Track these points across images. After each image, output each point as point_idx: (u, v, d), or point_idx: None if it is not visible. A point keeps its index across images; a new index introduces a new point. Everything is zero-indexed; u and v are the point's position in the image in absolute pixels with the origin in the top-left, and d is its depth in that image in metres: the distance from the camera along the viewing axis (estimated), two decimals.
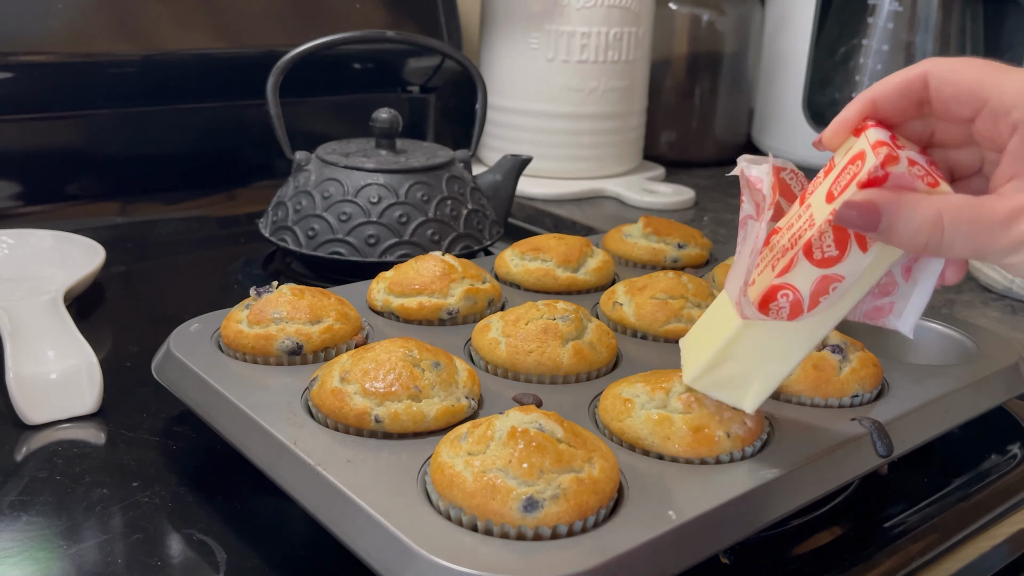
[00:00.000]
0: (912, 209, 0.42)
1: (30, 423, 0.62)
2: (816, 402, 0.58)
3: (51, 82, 0.98)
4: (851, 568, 0.53)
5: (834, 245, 0.45)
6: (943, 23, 1.29)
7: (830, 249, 0.45)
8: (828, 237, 0.45)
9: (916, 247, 0.43)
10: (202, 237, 1.06)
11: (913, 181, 0.43)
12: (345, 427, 0.52)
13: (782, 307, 0.46)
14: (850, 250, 0.45)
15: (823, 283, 0.45)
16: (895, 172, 0.43)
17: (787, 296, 0.46)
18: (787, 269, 0.46)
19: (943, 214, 0.42)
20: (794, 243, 0.46)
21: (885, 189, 0.43)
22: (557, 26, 1.16)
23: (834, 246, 0.45)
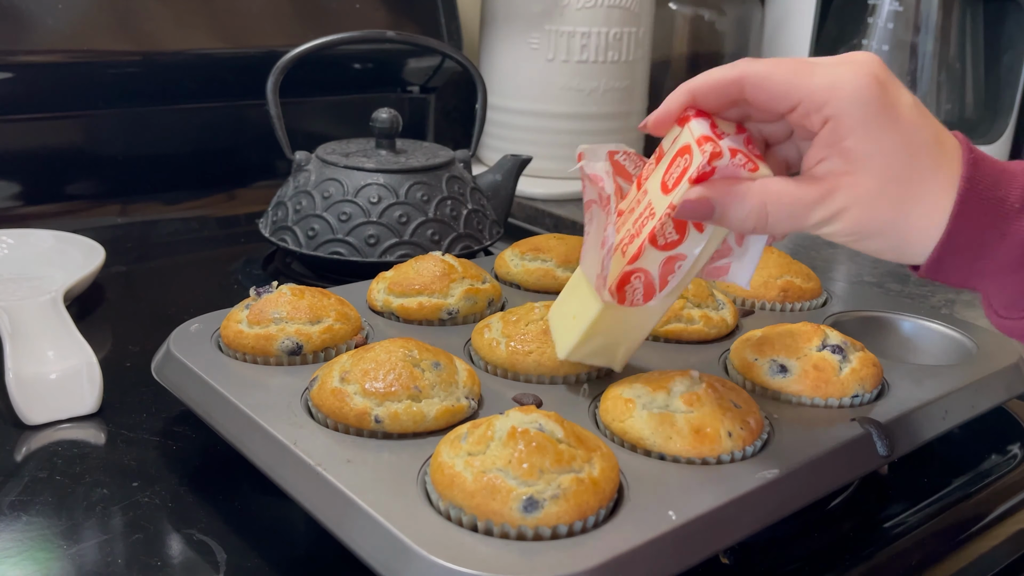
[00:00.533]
0: (740, 199, 0.48)
1: (30, 423, 0.62)
2: (816, 402, 0.58)
3: (51, 82, 0.98)
4: (851, 568, 0.53)
5: (674, 230, 0.51)
6: (943, 23, 1.29)
7: (672, 235, 0.51)
8: (669, 225, 0.51)
9: (745, 229, 0.49)
10: (202, 237, 1.06)
11: (737, 170, 0.48)
12: (345, 427, 0.52)
13: (636, 288, 0.53)
14: (689, 232, 0.52)
15: (669, 263, 0.52)
16: (720, 166, 0.48)
17: (640, 278, 0.52)
18: (636, 257, 0.52)
19: (767, 202, 0.47)
20: (639, 230, 0.52)
21: (714, 182, 0.49)
22: (557, 26, 1.16)
23: (674, 231, 0.51)
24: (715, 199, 0.48)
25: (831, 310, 0.74)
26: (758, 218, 0.48)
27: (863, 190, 0.46)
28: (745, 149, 0.49)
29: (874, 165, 0.46)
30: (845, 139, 0.46)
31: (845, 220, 0.47)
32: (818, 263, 1.02)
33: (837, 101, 0.46)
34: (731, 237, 0.53)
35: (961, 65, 1.32)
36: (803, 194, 0.47)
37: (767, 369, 0.60)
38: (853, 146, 0.46)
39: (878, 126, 0.46)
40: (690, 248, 0.52)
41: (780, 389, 0.59)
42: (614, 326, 0.56)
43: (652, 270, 0.52)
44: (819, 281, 0.77)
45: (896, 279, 0.98)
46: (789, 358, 0.59)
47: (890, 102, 0.46)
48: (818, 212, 0.47)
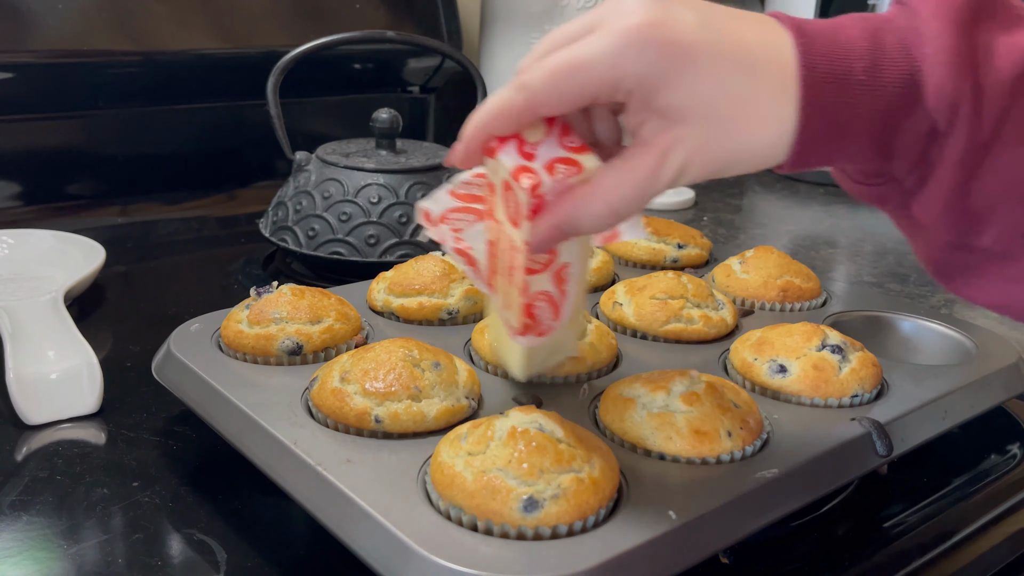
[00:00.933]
0: (584, 211, 0.45)
1: (30, 423, 0.62)
2: (816, 402, 0.58)
3: (51, 82, 0.98)
4: (851, 568, 0.53)
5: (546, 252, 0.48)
6: None
7: (543, 256, 0.48)
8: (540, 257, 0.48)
9: (604, 229, 0.46)
10: (202, 237, 1.06)
11: (564, 182, 0.45)
12: (345, 427, 0.53)
13: (543, 309, 0.50)
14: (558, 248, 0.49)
15: (558, 276, 0.50)
16: (546, 191, 0.45)
17: (542, 298, 0.50)
18: (525, 288, 0.49)
19: (609, 200, 0.45)
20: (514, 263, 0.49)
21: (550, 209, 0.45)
22: (557, 26, 1.16)
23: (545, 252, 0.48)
24: (561, 225, 0.45)
25: (831, 310, 0.74)
26: (612, 218, 0.45)
27: (694, 139, 0.43)
28: (562, 151, 0.46)
29: (693, 111, 0.43)
30: (653, 100, 0.43)
31: (692, 172, 0.44)
32: (818, 263, 1.02)
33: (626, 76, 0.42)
34: None
35: None
36: (640, 172, 0.44)
37: (766, 369, 0.60)
38: (664, 102, 0.43)
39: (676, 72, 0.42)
40: (568, 255, 0.50)
41: (780, 389, 0.59)
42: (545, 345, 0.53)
43: (548, 287, 0.50)
44: (819, 281, 0.77)
45: (896, 279, 0.98)
46: (788, 358, 0.60)
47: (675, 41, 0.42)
48: (663, 178, 0.44)
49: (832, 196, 1.32)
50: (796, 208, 1.28)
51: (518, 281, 0.49)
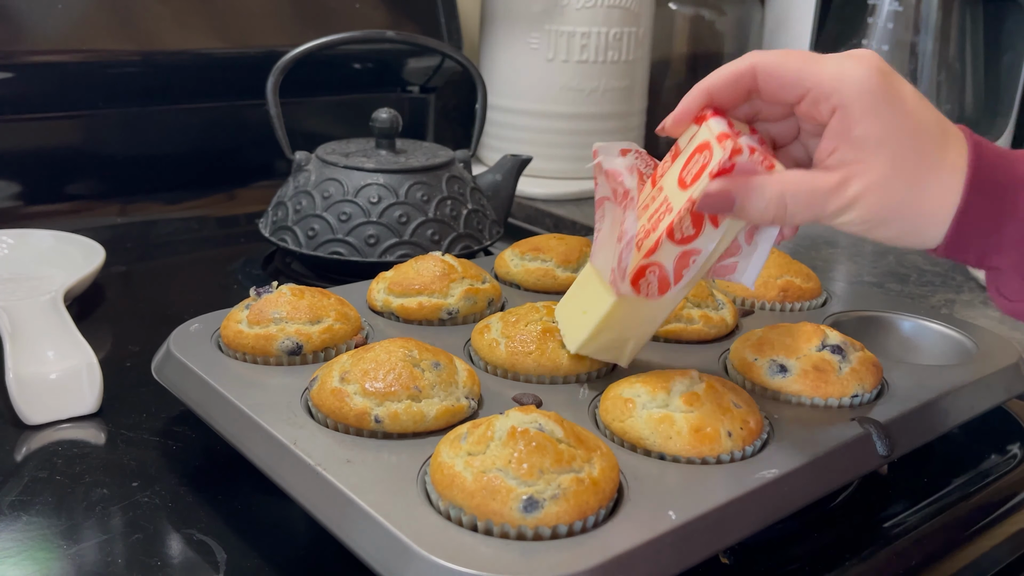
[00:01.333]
0: (760, 191, 0.49)
1: (30, 423, 0.62)
2: (816, 402, 0.58)
3: (51, 82, 0.98)
4: (851, 568, 0.53)
5: (691, 225, 0.53)
6: (943, 23, 1.29)
7: (688, 229, 0.53)
8: (687, 220, 0.52)
9: (765, 221, 0.50)
10: (202, 237, 1.06)
11: (755, 167, 0.50)
12: (345, 427, 0.52)
13: (651, 283, 0.54)
14: (704, 227, 0.53)
15: (684, 257, 0.53)
16: (740, 161, 0.49)
17: (654, 272, 0.53)
18: (652, 251, 0.53)
19: (785, 192, 0.49)
20: (655, 226, 0.53)
21: (733, 176, 0.50)
22: (557, 26, 1.16)
23: (691, 226, 0.53)
24: (735, 192, 0.49)
25: (831, 310, 0.74)
26: (777, 208, 0.49)
27: (876, 176, 0.47)
28: (761, 148, 0.50)
29: (884, 152, 0.47)
30: (854, 128, 0.47)
31: (861, 207, 0.48)
32: (818, 263, 1.02)
33: (844, 90, 0.47)
34: (742, 235, 0.54)
35: (961, 65, 1.32)
36: (820, 183, 0.48)
37: (767, 369, 0.60)
38: (862, 134, 0.47)
39: (885, 114, 0.47)
40: (705, 243, 0.53)
41: (780, 389, 0.59)
42: (625, 320, 0.57)
43: (667, 264, 0.53)
44: (819, 281, 0.77)
45: (896, 279, 0.98)
46: (788, 358, 0.59)
47: (894, 91, 0.48)
48: (834, 200, 0.48)
49: None
50: None
51: (649, 242, 0.53)
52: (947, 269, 1.01)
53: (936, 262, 1.04)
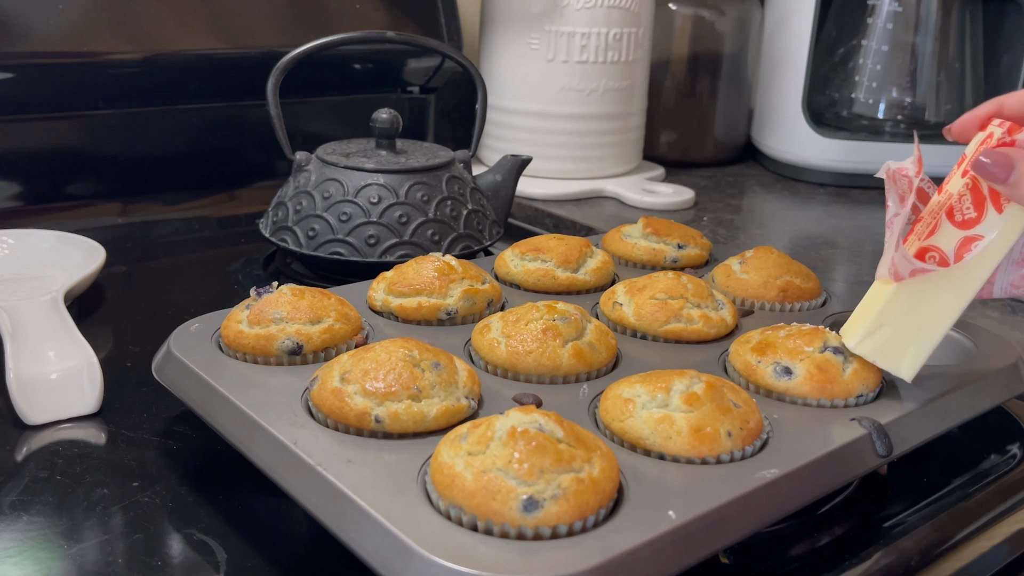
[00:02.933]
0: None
1: (30, 423, 0.62)
2: (822, 403, 0.58)
3: (51, 82, 0.98)
4: (851, 568, 0.53)
5: (972, 207, 0.52)
6: (943, 23, 1.29)
7: (969, 211, 0.52)
8: (967, 200, 0.52)
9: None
10: (202, 237, 1.06)
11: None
12: (345, 427, 0.53)
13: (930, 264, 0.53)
14: (987, 211, 0.52)
15: (965, 243, 0.53)
16: (1020, 139, 0.50)
17: (934, 257, 0.53)
18: (932, 232, 0.53)
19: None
20: (937, 212, 0.54)
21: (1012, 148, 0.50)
22: (557, 27, 1.17)
23: (972, 208, 0.52)
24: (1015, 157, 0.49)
25: (831, 310, 0.74)
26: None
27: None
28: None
29: None
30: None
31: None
32: (818, 263, 1.02)
33: None
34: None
35: (961, 65, 1.32)
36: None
37: (771, 372, 0.59)
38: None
39: None
40: (987, 229, 0.52)
41: (786, 391, 0.59)
42: (903, 315, 0.56)
43: (947, 249, 0.53)
44: (819, 281, 0.77)
45: None
46: (792, 360, 0.59)
47: None
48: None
49: (832, 196, 1.32)
50: (796, 208, 1.28)
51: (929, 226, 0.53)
52: None
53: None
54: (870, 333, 0.57)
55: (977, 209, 0.52)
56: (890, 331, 0.56)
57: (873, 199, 1.31)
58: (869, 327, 0.57)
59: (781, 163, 1.40)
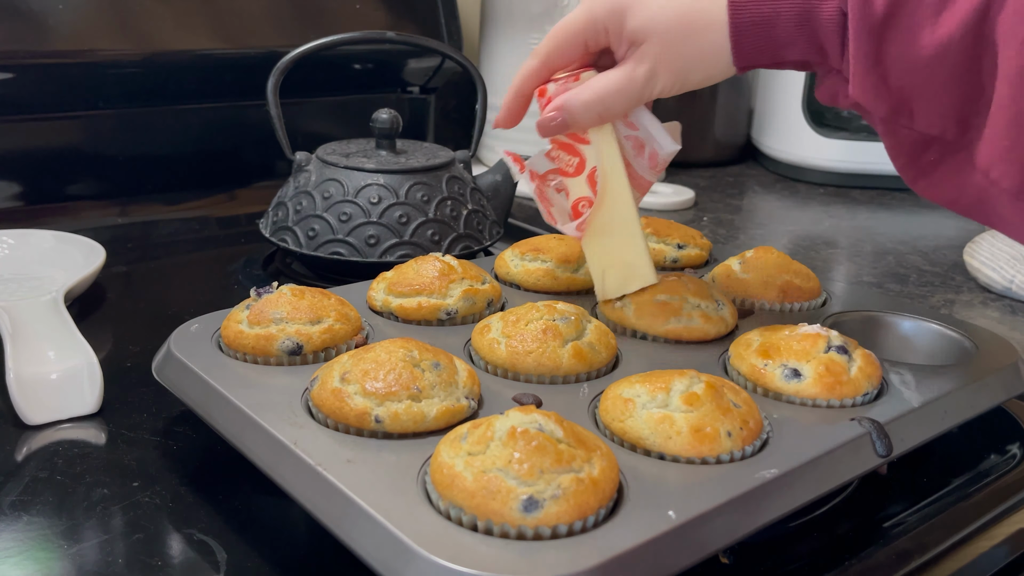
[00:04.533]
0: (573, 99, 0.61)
1: (30, 423, 0.62)
2: (832, 403, 0.58)
3: (51, 82, 0.98)
4: (851, 568, 0.53)
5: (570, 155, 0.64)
6: None
7: (572, 159, 0.65)
8: (563, 155, 0.65)
9: (592, 121, 0.61)
10: (202, 237, 1.06)
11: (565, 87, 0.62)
12: (345, 427, 0.53)
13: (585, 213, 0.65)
14: (580, 150, 0.64)
15: (590, 179, 0.64)
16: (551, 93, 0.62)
17: (584, 205, 0.65)
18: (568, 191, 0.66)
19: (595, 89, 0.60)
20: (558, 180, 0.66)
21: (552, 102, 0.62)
22: None
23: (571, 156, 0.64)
24: (558, 110, 0.61)
25: (830, 310, 0.74)
26: (597, 104, 0.60)
27: (655, 50, 0.58)
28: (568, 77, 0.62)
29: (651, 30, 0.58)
30: (624, 29, 0.59)
31: (661, 79, 0.59)
32: (817, 263, 1.02)
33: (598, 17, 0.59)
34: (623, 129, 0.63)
35: None
36: (619, 75, 0.60)
37: (779, 374, 0.59)
38: (630, 27, 0.58)
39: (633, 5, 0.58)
40: (593, 158, 0.64)
41: (796, 393, 0.58)
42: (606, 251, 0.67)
43: (585, 192, 0.65)
44: (818, 281, 0.77)
45: (896, 279, 0.98)
46: (800, 361, 0.59)
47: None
48: (638, 76, 0.59)
49: (832, 196, 1.32)
50: (796, 208, 1.28)
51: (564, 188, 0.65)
52: (947, 269, 1.01)
53: (935, 262, 1.04)
54: (603, 281, 0.68)
55: (575, 153, 0.64)
56: (612, 269, 0.67)
57: (873, 199, 1.32)
58: (600, 279, 0.68)
59: (781, 163, 1.40)
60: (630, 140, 0.64)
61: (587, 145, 0.63)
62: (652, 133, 0.63)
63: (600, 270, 0.68)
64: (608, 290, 0.68)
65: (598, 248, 0.67)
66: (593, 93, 0.60)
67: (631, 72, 0.59)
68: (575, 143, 0.64)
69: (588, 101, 0.60)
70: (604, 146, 0.63)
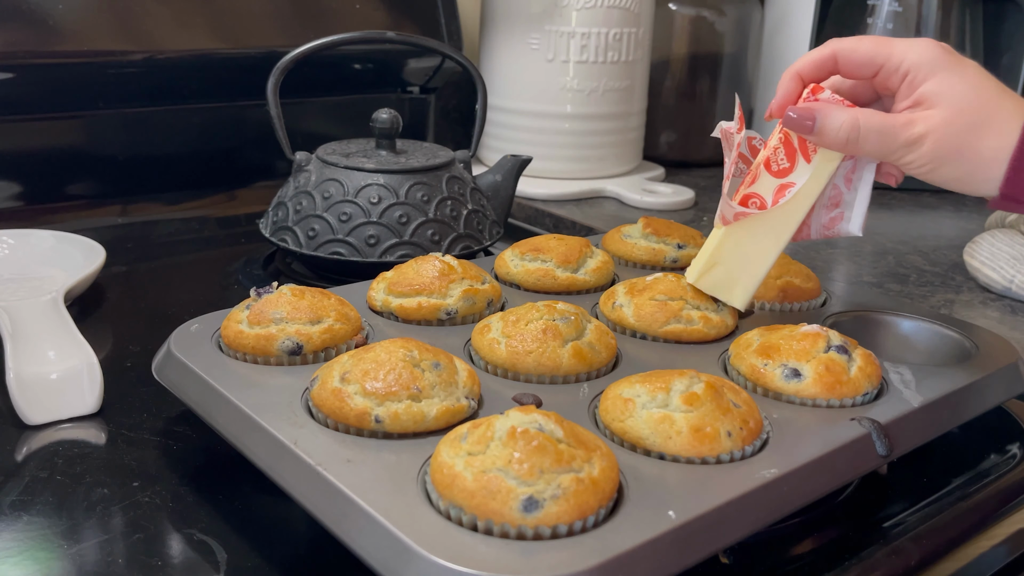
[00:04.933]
0: (836, 112, 0.59)
1: (31, 423, 0.62)
2: (832, 403, 0.58)
3: (51, 82, 0.98)
4: (851, 568, 0.53)
5: (785, 158, 0.62)
6: (943, 23, 1.29)
7: (783, 161, 0.62)
8: (781, 152, 0.62)
9: (839, 142, 0.59)
10: (202, 237, 1.06)
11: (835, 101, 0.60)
12: (345, 427, 0.53)
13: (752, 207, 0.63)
14: (798, 161, 0.62)
15: (780, 190, 0.62)
16: (822, 96, 0.60)
17: (755, 203, 0.63)
18: (753, 181, 0.63)
19: (858, 116, 0.59)
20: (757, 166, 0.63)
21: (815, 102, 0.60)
22: (557, 27, 1.17)
23: (785, 159, 0.62)
24: (815, 110, 0.59)
25: (830, 310, 0.74)
26: (850, 130, 0.58)
27: (939, 119, 0.57)
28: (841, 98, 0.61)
29: (946, 101, 0.57)
30: (920, 86, 0.57)
31: (925, 144, 0.57)
32: (818, 263, 1.02)
33: (911, 58, 0.58)
34: (841, 183, 0.63)
35: None
36: (891, 119, 0.58)
37: (780, 375, 0.59)
38: (927, 89, 0.57)
39: (947, 73, 0.57)
40: (799, 176, 0.62)
41: (796, 393, 0.58)
42: (733, 254, 0.65)
43: (766, 195, 0.62)
44: (818, 281, 0.77)
45: (896, 279, 0.98)
46: (800, 361, 0.59)
47: (956, 59, 0.58)
48: (902, 134, 0.57)
49: None
50: None
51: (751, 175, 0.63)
52: (947, 269, 1.01)
53: (935, 262, 1.04)
54: (707, 271, 0.66)
55: (790, 160, 0.62)
56: (723, 269, 0.66)
57: (873, 199, 1.31)
58: (705, 266, 0.66)
59: None
60: (832, 197, 0.64)
61: (807, 163, 0.61)
62: (855, 205, 0.63)
63: (712, 259, 0.66)
64: (701, 280, 0.67)
65: (731, 244, 0.65)
66: (854, 119, 0.58)
67: (903, 123, 0.57)
68: (799, 151, 0.62)
69: (844, 124, 0.58)
70: (815, 179, 0.62)
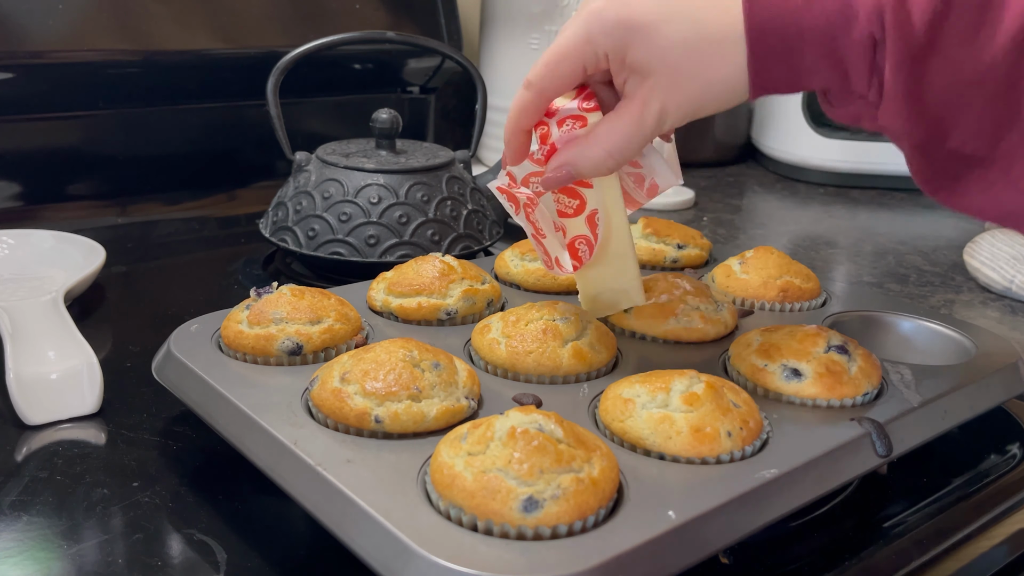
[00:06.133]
0: (584, 153, 0.55)
1: (30, 423, 0.62)
2: (832, 403, 0.58)
3: (51, 82, 0.98)
4: (851, 568, 0.53)
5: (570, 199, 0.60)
6: None
7: (571, 203, 0.60)
8: (564, 199, 0.60)
9: (604, 172, 0.56)
10: (202, 237, 1.06)
11: (571, 134, 0.56)
12: (345, 427, 0.53)
13: (583, 251, 0.62)
14: (583, 193, 0.60)
15: (590, 220, 0.61)
16: (556, 139, 0.56)
17: (581, 242, 0.62)
18: (565, 231, 0.62)
19: (603, 143, 0.55)
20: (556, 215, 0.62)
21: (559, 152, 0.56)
22: (557, 27, 1.17)
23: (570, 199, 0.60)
24: (564, 164, 0.56)
25: (830, 310, 0.74)
26: (607, 159, 0.55)
27: (664, 86, 0.52)
28: (576, 110, 0.56)
29: (657, 63, 0.52)
30: (626, 57, 0.52)
31: (671, 114, 0.53)
32: (817, 263, 1.03)
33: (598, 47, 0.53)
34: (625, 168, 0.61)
35: None
36: (627, 119, 0.54)
37: (780, 375, 0.59)
38: (633, 60, 0.52)
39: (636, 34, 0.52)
40: (594, 200, 0.60)
41: (796, 393, 0.58)
42: (601, 278, 0.65)
43: (583, 231, 0.61)
44: (818, 281, 0.77)
45: (896, 279, 0.98)
46: (800, 361, 0.59)
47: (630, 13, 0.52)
48: (647, 122, 0.53)
49: (832, 196, 1.32)
50: (796, 208, 1.28)
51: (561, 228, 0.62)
52: (947, 269, 1.01)
53: (935, 262, 1.04)
54: (592, 303, 0.67)
55: (576, 196, 0.60)
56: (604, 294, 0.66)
57: (873, 199, 1.32)
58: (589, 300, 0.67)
59: (781, 163, 1.40)
60: (632, 176, 0.62)
61: (589, 189, 0.60)
62: (655, 168, 0.61)
63: (589, 294, 0.67)
64: (597, 311, 0.67)
65: (593, 276, 0.65)
66: (603, 149, 0.55)
67: (640, 116, 0.53)
68: (577, 186, 0.60)
69: (598, 159, 0.55)
70: (608, 190, 0.60)
